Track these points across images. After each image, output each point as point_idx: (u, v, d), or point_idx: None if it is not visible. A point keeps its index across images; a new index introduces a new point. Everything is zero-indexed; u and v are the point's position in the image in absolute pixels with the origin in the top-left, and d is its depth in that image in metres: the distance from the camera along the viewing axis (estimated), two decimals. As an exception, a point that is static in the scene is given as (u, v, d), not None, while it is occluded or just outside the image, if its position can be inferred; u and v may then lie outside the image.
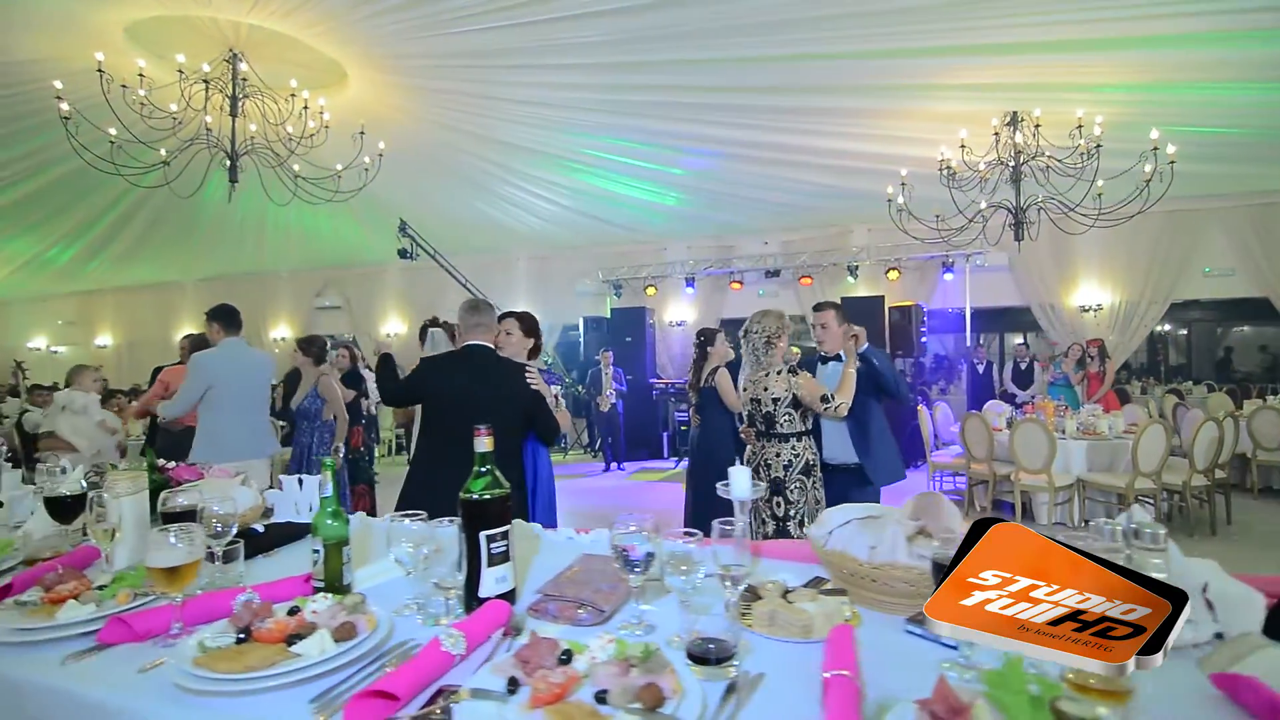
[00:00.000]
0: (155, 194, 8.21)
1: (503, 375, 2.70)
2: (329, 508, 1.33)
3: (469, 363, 2.73)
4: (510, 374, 2.72)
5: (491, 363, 2.74)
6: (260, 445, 3.88)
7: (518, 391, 2.68)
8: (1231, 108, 5.66)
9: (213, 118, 5.64)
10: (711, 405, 4.47)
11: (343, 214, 9.58)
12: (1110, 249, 8.32)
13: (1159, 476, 4.94)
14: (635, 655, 0.96)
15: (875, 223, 9.35)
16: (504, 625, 1.15)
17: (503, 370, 2.72)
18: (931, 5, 4.87)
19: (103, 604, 1.25)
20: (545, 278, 10.98)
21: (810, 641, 1.10)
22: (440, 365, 2.76)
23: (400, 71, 6.26)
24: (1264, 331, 13.72)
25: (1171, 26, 4.76)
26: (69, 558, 1.50)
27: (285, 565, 1.60)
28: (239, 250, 11.40)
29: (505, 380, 2.68)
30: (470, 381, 2.65)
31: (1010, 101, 5.89)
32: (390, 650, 1.11)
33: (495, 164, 8.01)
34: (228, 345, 3.90)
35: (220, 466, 2.19)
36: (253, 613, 1.12)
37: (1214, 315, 12.46)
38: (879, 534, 1.23)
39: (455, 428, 2.59)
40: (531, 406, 2.70)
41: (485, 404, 2.55)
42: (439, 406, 2.69)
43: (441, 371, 2.72)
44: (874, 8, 4.91)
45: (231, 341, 3.92)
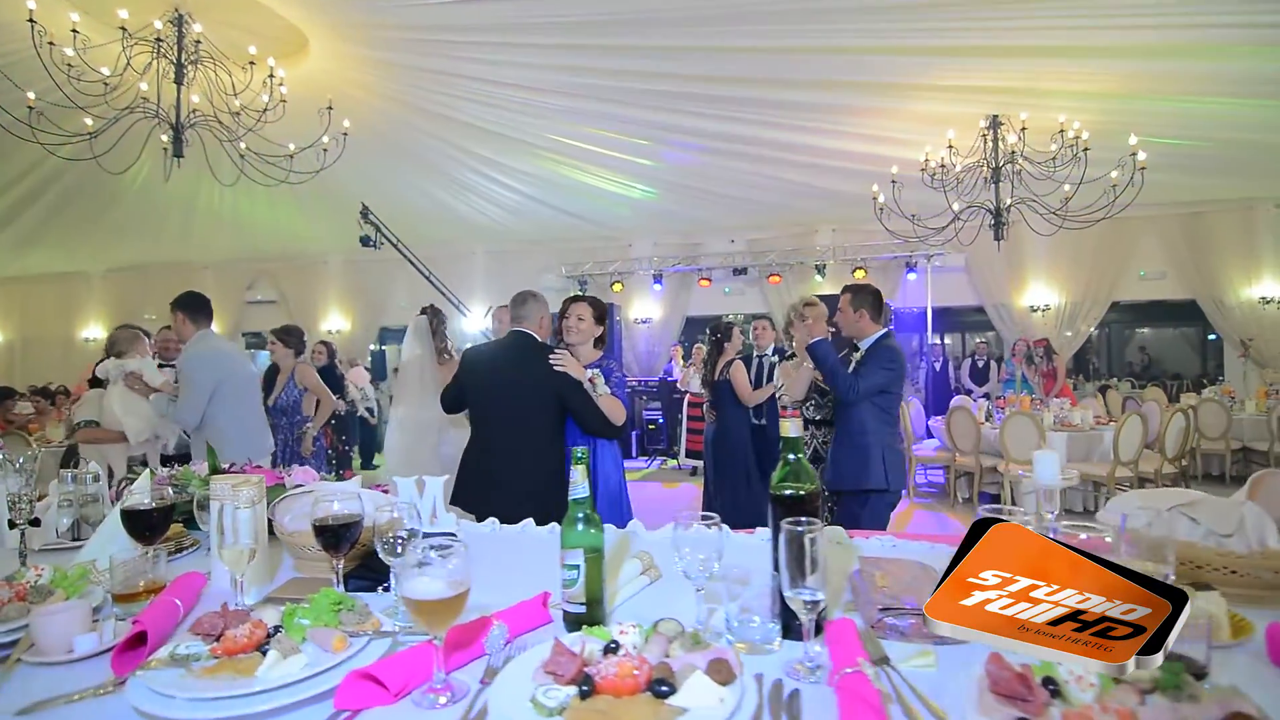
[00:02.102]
0: (70, 169, 7.33)
1: (535, 360, 2.66)
2: (580, 512, 1.09)
3: (503, 350, 2.82)
4: (542, 359, 2.66)
5: (526, 348, 2.72)
6: (261, 444, 3.47)
7: (547, 376, 2.62)
8: (1194, 120, 6.03)
9: (149, 85, 5.03)
10: (727, 401, 4.34)
11: (285, 200, 8.89)
12: (1057, 252, 8.77)
13: (1136, 465, 5.20)
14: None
15: (840, 223, 9.53)
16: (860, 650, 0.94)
17: (535, 355, 2.68)
18: (915, 4, 4.93)
19: (307, 654, 0.92)
20: (504, 273, 10.56)
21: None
22: (479, 353, 2.84)
23: (367, 43, 5.80)
24: (1162, 334, 15.04)
25: (1155, 37, 5.02)
26: (177, 590, 1.15)
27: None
28: (159, 238, 10.37)
29: (536, 365, 2.64)
30: (503, 368, 2.72)
31: (992, 105, 6.07)
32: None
33: (457, 147, 7.60)
34: (208, 338, 3.49)
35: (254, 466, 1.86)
36: (576, 660, 0.84)
37: (1127, 318, 13.42)
38: (1221, 519, 1.09)
39: (487, 415, 2.78)
40: (563, 392, 2.62)
41: (513, 390, 2.65)
42: (474, 395, 2.78)
43: (479, 359, 2.81)
44: (857, 4, 4.92)
45: (208, 334, 3.49)
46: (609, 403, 2.71)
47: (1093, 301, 9.04)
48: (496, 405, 2.68)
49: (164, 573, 1.18)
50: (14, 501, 1.35)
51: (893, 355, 3.16)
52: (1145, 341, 14.81)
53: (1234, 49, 5.16)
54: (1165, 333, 15.14)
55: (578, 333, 2.88)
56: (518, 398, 2.66)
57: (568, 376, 2.65)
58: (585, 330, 2.89)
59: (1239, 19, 4.67)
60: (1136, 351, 14.47)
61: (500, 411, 2.68)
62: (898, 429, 3.31)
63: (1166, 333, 15.15)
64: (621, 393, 2.79)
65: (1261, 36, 4.98)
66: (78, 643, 0.98)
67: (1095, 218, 5.95)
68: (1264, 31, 4.92)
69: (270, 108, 5.28)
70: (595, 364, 2.81)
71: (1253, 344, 8.30)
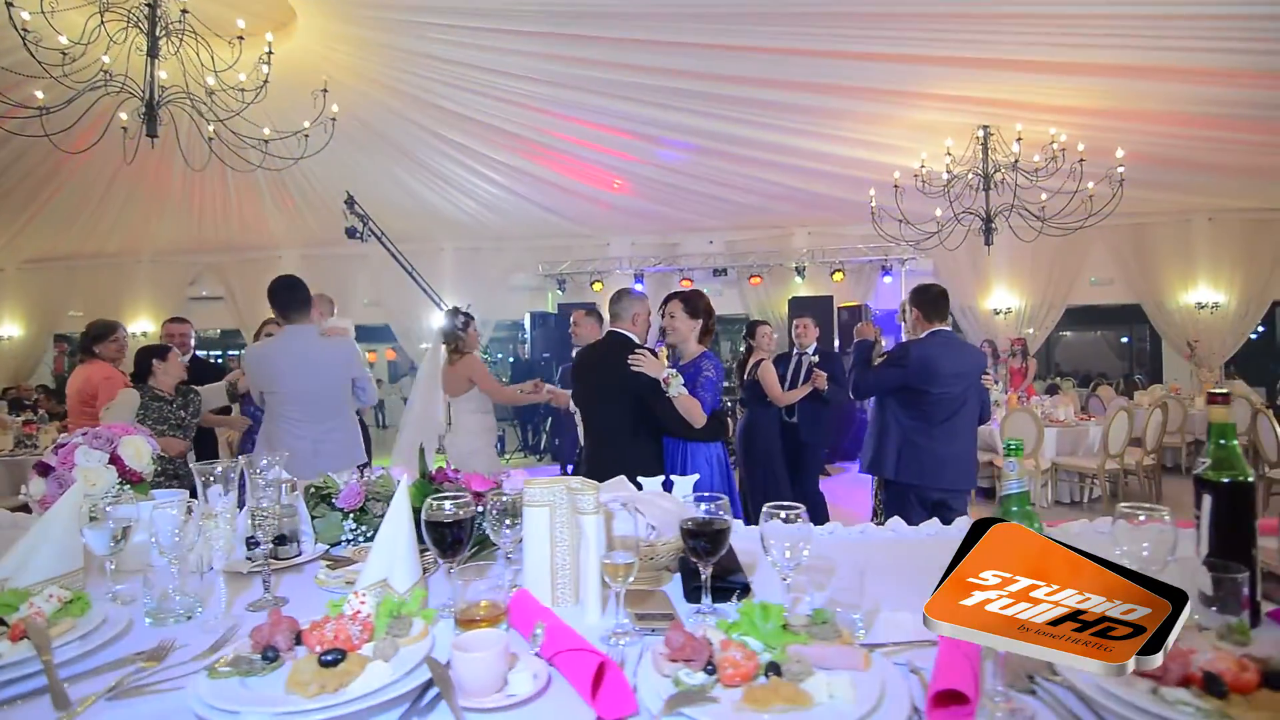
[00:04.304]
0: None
1: (618, 360, 2.66)
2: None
3: (598, 351, 2.95)
4: (624, 359, 2.65)
5: (615, 348, 2.76)
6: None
7: (630, 377, 2.62)
8: (1161, 137, 6.45)
9: (112, 58, 4.58)
10: (755, 399, 4.32)
11: (244, 188, 8.32)
12: (1017, 258, 9.23)
13: (1122, 458, 5.51)
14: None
15: (817, 226, 9.73)
16: None
17: (620, 355, 2.68)
18: (909, 13, 5.07)
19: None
20: (475, 271, 10.23)
21: None
22: (582, 354, 3.07)
23: (357, 21, 5.50)
24: (1084, 337, 16.17)
25: (1130, 57, 5.33)
26: (538, 611, 1.00)
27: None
28: (91, 227, 9.50)
29: (620, 366, 2.65)
30: (596, 368, 2.86)
31: (979, 116, 6.30)
32: None
33: (437, 135, 7.31)
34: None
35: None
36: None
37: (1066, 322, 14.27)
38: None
39: (588, 414, 2.98)
40: (642, 392, 2.63)
41: (603, 391, 2.78)
42: (576, 396, 3.03)
43: (582, 360, 3.02)
44: (848, 10, 5.01)
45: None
46: (686, 402, 2.61)
47: (1050, 305, 9.57)
48: (592, 405, 2.86)
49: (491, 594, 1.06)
50: (259, 518, 1.14)
51: (902, 353, 3.27)
52: (1069, 344, 15.93)
53: (1194, 71, 5.55)
54: (1087, 336, 16.30)
55: (674, 331, 2.81)
56: (606, 398, 2.76)
57: (644, 376, 2.61)
58: (680, 328, 2.80)
59: (1202, 44, 5.00)
60: (1062, 353, 15.53)
61: (596, 411, 2.85)
62: (932, 426, 3.23)
63: (1088, 336, 16.31)
64: (707, 392, 2.67)
65: (1217, 61, 5.38)
66: (513, 681, 0.86)
67: (1074, 225, 6.28)
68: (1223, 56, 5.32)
69: (259, 86, 4.91)
70: (694, 361, 2.70)
71: (1198, 345, 8.99)
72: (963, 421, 3.24)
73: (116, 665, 0.94)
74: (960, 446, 3.25)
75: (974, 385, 3.29)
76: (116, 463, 1.45)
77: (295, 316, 3.14)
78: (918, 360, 3.15)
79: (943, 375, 3.15)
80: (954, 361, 3.20)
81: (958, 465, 3.24)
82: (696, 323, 2.82)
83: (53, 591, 0.98)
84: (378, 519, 1.43)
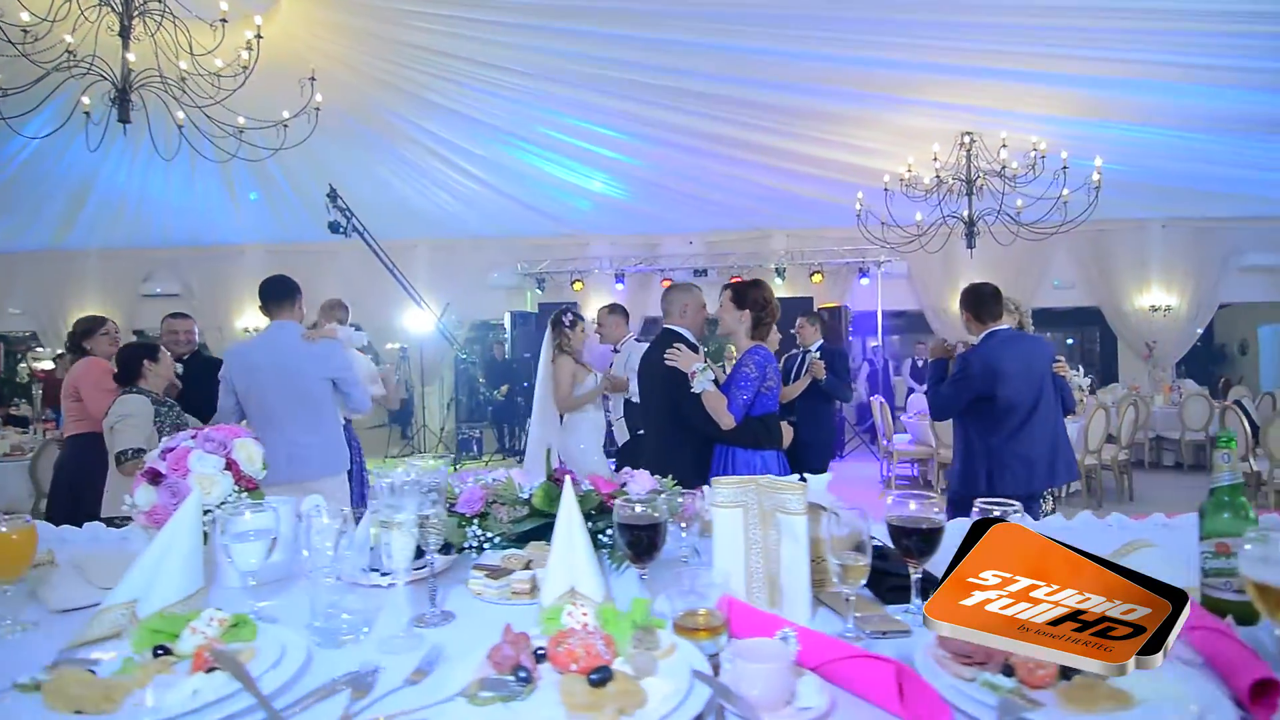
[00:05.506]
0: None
1: (658, 355, 2.70)
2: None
3: (651, 347, 2.94)
4: (662, 354, 2.68)
5: (658, 343, 2.81)
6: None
7: (668, 371, 2.63)
8: (1136, 148, 6.73)
9: (79, 38, 4.30)
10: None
11: (207, 178, 7.91)
12: (985, 261, 9.50)
13: (1100, 454, 5.74)
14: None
15: (795, 227, 9.85)
16: None
17: (660, 350, 2.71)
18: (897, 20, 5.17)
19: None
20: (451, 269, 9.99)
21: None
22: (646, 353, 2.96)
23: (344, 8, 5.31)
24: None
25: (1109, 69, 5.55)
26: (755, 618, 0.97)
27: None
28: (34, 219, 8.91)
29: (658, 361, 2.67)
30: (646, 362, 2.87)
31: (963, 122, 6.47)
32: None
33: (418, 126, 7.11)
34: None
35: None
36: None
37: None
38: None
39: (643, 408, 3.06)
40: (676, 386, 2.61)
41: (648, 384, 2.82)
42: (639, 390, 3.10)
43: (644, 357, 2.94)
44: (839, 13, 5.08)
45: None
46: (711, 400, 2.51)
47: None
48: (644, 398, 2.94)
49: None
50: (427, 527, 1.05)
51: (964, 365, 2.98)
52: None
53: (1172, 85, 5.83)
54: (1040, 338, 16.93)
55: (723, 324, 2.69)
56: (650, 391, 2.81)
57: (678, 371, 2.59)
58: (726, 319, 2.65)
59: (1176, 58, 5.25)
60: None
61: (645, 403, 2.96)
62: (1011, 430, 3.01)
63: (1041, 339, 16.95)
64: (742, 391, 2.50)
65: (1189, 75, 5.66)
66: (802, 694, 0.81)
67: (1049, 230, 6.51)
68: (1196, 71, 5.60)
69: (242, 72, 4.68)
70: (741, 356, 2.60)
71: (1156, 346, 9.45)
72: (1042, 417, 3.04)
73: (320, 695, 0.83)
74: (1046, 444, 3.05)
75: (1046, 376, 3.10)
76: (232, 467, 1.33)
77: (276, 309, 3.03)
78: (980, 367, 2.96)
79: (1008, 375, 2.94)
80: (1018, 358, 3.00)
81: (1049, 463, 3.05)
82: (744, 314, 2.62)
83: (212, 614, 0.87)
84: (504, 524, 1.38)
